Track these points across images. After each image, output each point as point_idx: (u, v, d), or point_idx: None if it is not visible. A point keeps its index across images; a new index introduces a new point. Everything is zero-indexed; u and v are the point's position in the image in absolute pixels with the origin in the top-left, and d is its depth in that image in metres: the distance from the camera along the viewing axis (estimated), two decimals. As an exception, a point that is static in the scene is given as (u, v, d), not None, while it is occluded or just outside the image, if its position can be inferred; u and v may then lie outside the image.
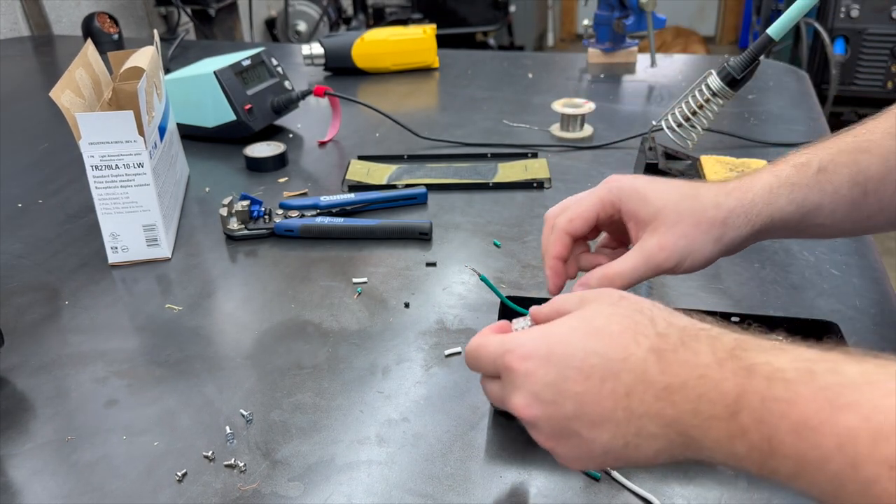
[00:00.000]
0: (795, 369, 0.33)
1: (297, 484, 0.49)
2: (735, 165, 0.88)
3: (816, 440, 0.31)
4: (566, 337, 0.40)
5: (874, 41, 2.32)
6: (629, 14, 1.31)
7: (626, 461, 0.39)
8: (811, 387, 0.32)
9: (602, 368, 0.38)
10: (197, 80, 1.00)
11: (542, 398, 0.40)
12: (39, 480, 0.50)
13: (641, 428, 0.37)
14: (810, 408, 0.32)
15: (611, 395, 0.38)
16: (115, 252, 0.75)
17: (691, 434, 0.36)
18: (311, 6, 2.93)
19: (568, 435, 0.40)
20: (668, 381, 0.36)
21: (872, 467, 0.29)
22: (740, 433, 0.34)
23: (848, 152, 0.50)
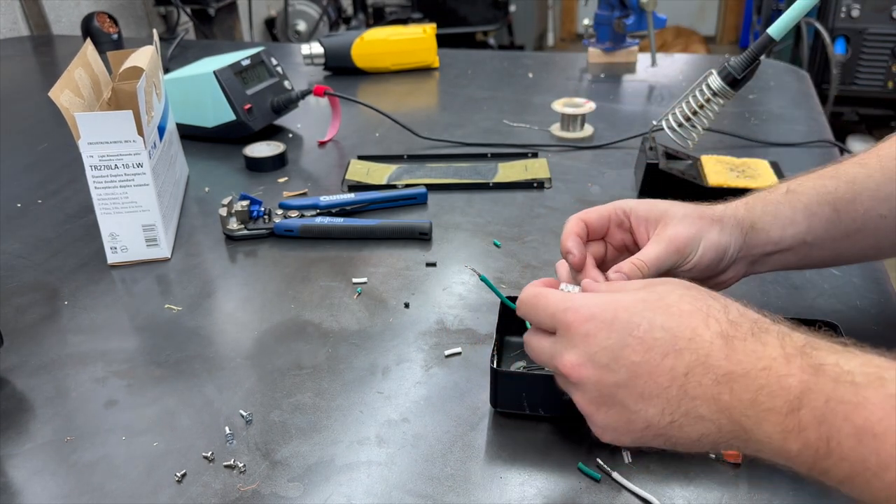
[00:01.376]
0: (865, 374, 0.33)
1: (297, 484, 0.49)
2: (735, 165, 0.88)
3: (877, 446, 0.31)
4: (634, 306, 0.40)
5: (875, 41, 2.32)
6: (629, 14, 1.30)
7: (665, 440, 0.39)
8: (880, 393, 0.32)
9: (665, 343, 0.38)
10: (196, 80, 1.00)
11: (596, 361, 0.40)
12: (39, 481, 0.50)
13: (692, 409, 0.37)
14: (876, 414, 0.31)
15: (669, 371, 0.38)
16: (115, 252, 0.75)
17: (743, 424, 0.36)
18: (310, 6, 2.93)
19: (612, 403, 0.40)
20: (731, 369, 0.36)
21: None
22: (797, 430, 0.34)
23: (815, 178, 0.53)
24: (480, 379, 0.57)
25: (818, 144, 0.99)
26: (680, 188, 0.84)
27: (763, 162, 0.89)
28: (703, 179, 0.85)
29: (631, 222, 0.53)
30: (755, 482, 0.48)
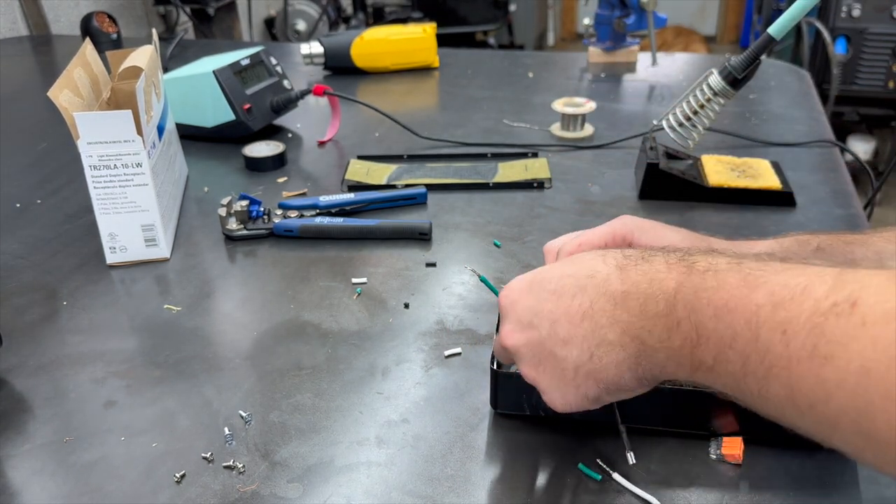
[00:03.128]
0: (728, 262, 0.36)
1: (297, 485, 0.49)
2: (736, 165, 0.87)
3: (731, 320, 0.33)
4: (547, 270, 0.45)
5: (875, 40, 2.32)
6: (630, 13, 1.30)
7: (596, 381, 0.41)
8: (736, 274, 0.35)
9: (572, 285, 0.42)
10: (196, 80, 0.99)
11: (522, 323, 0.44)
12: (38, 481, 0.50)
13: (603, 338, 0.40)
14: (731, 292, 0.34)
15: (578, 308, 0.41)
16: (114, 252, 0.74)
17: (641, 337, 0.39)
18: (310, 5, 2.93)
19: (545, 358, 0.43)
20: (625, 289, 0.39)
21: (767, 333, 0.32)
22: (676, 325, 0.36)
23: (846, 242, 0.53)
24: (480, 379, 0.57)
25: (819, 144, 0.99)
26: (680, 188, 0.84)
27: (764, 162, 0.89)
28: (703, 179, 0.85)
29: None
30: (756, 483, 0.47)
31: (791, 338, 0.31)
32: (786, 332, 0.31)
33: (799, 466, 0.48)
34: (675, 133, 0.82)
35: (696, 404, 0.50)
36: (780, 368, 0.31)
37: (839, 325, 0.29)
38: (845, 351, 0.29)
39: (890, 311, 0.28)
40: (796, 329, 0.31)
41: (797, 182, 0.87)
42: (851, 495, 0.46)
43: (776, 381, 0.32)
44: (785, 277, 0.33)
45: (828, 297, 0.30)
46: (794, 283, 0.32)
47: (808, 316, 0.30)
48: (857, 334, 0.28)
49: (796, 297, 0.31)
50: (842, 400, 0.29)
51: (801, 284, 0.32)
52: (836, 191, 0.86)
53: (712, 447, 0.50)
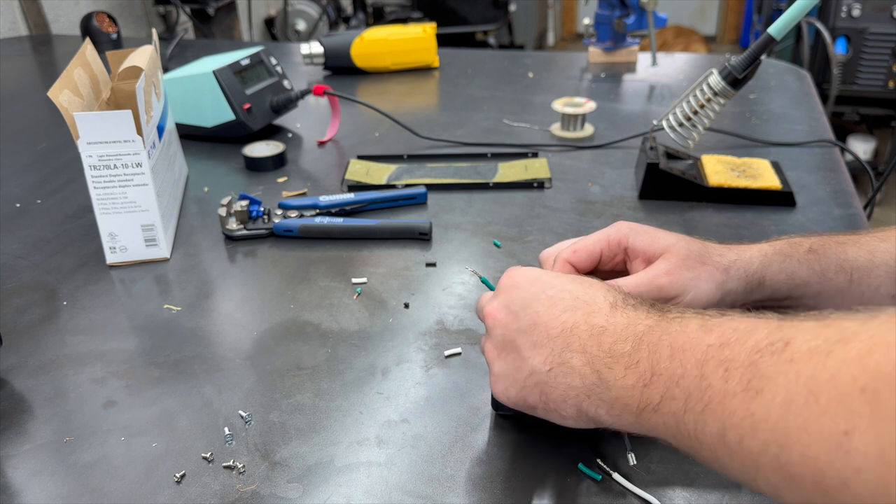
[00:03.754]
0: (695, 314, 0.38)
1: (297, 485, 0.49)
2: (736, 165, 0.87)
3: (683, 359, 0.35)
4: (555, 276, 0.46)
5: (876, 40, 2.32)
6: (630, 13, 1.30)
7: (541, 391, 0.42)
8: (698, 320, 0.37)
9: (566, 302, 0.43)
10: (196, 80, 0.99)
11: (510, 307, 0.45)
12: (38, 481, 0.50)
13: (567, 360, 0.41)
14: (689, 335, 0.36)
15: (561, 324, 0.42)
16: (114, 252, 0.74)
17: (601, 371, 0.40)
18: (310, 5, 2.93)
19: (511, 349, 0.44)
20: (606, 326, 0.41)
21: (710, 369, 0.33)
22: (635, 364, 0.38)
23: (838, 242, 0.53)
24: (480, 379, 0.57)
25: (819, 144, 0.99)
26: (681, 188, 0.84)
27: (764, 161, 0.89)
28: (703, 179, 0.85)
29: (627, 255, 0.53)
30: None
31: (730, 374, 0.32)
32: (727, 369, 0.32)
33: (799, 466, 0.48)
34: (675, 133, 0.82)
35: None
36: (716, 404, 0.32)
37: (772, 361, 0.30)
38: (773, 385, 0.30)
39: (814, 348, 0.29)
40: (736, 366, 0.32)
41: (797, 182, 0.87)
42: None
43: (711, 416, 0.33)
44: (738, 323, 0.34)
45: (767, 337, 0.32)
46: (743, 326, 0.34)
47: (747, 354, 0.32)
48: (784, 370, 0.30)
49: (741, 338, 0.33)
50: (765, 433, 0.30)
51: (748, 327, 0.33)
52: (837, 191, 0.86)
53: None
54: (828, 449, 0.27)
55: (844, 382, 0.27)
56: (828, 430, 0.27)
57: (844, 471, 0.26)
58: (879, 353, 0.26)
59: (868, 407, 0.26)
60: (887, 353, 0.26)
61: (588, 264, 0.53)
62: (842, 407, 0.27)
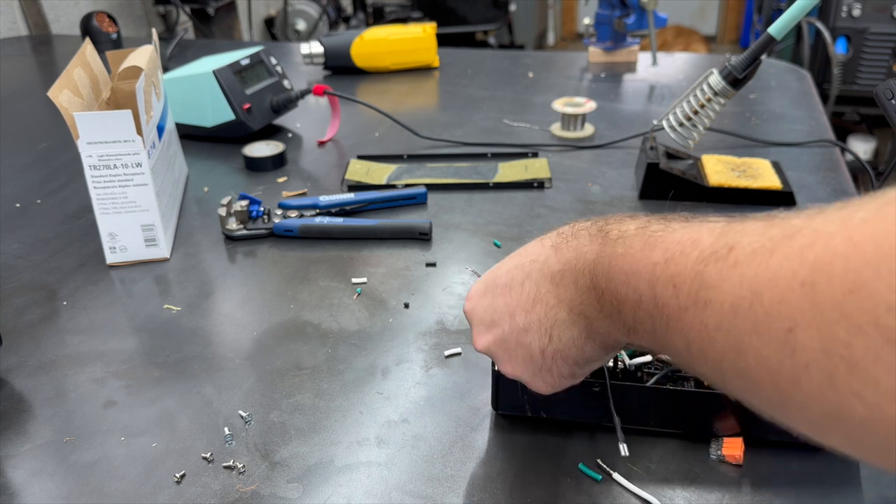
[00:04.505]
0: (636, 228, 0.36)
1: (297, 485, 0.49)
2: (737, 165, 0.87)
3: (635, 283, 0.34)
4: (497, 267, 0.46)
5: (876, 40, 2.32)
6: (630, 13, 1.30)
7: (564, 357, 0.42)
8: (640, 238, 0.35)
9: (519, 275, 0.43)
10: (196, 80, 0.99)
11: (485, 324, 0.45)
12: (38, 481, 0.50)
13: (555, 318, 0.41)
14: (635, 256, 0.35)
15: (528, 295, 0.42)
16: (114, 252, 0.74)
17: (583, 312, 0.39)
18: (310, 5, 2.93)
19: (513, 350, 0.44)
20: (560, 268, 0.40)
21: (661, 289, 0.32)
22: (601, 295, 0.37)
23: None
24: (481, 379, 0.57)
25: (819, 144, 0.99)
26: (681, 188, 0.84)
27: (764, 161, 0.89)
28: (703, 179, 0.85)
29: None
30: (757, 483, 0.47)
31: (679, 289, 0.31)
32: (676, 285, 0.31)
33: (800, 466, 0.48)
34: (675, 133, 0.82)
35: (696, 405, 0.50)
36: (674, 321, 0.32)
37: (717, 268, 0.29)
38: (719, 293, 0.29)
39: (757, 249, 0.28)
40: (683, 279, 0.31)
41: (797, 182, 0.87)
42: (853, 495, 0.46)
43: (674, 333, 0.32)
44: (680, 234, 0.33)
45: (711, 246, 0.30)
46: (686, 237, 0.32)
47: (692, 265, 0.31)
48: (728, 274, 0.29)
49: (685, 250, 0.32)
50: (721, 341, 0.29)
51: (691, 238, 0.32)
52: (837, 191, 0.86)
53: (713, 448, 0.50)
54: (776, 348, 0.26)
55: (785, 278, 0.26)
56: (774, 330, 0.26)
57: (794, 368, 0.26)
58: (820, 245, 0.25)
59: (807, 301, 0.25)
60: (828, 244, 0.25)
61: None
62: (783, 304, 0.26)
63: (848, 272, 0.24)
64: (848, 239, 0.24)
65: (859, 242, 0.24)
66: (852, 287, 0.23)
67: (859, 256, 0.24)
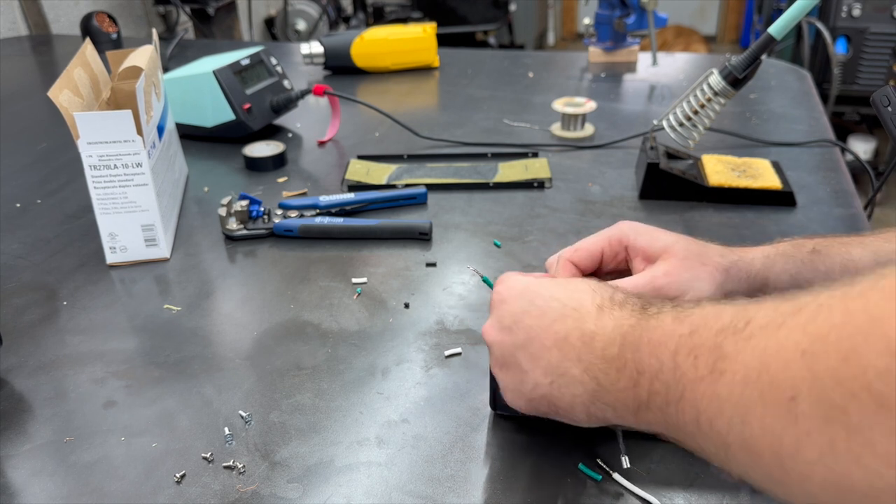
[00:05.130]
0: (672, 306, 0.37)
1: (297, 485, 0.49)
2: (737, 165, 0.87)
3: (660, 353, 0.35)
4: (544, 283, 0.46)
5: (876, 40, 2.32)
6: (630, 13, 1.30)
7: (549, 403, 0.42)
8: (672, 313, 0.37)
9: (556, 311, 0.43)
10: (196, 80, 0.99)
11: (503, 324, 0.45)
12: (38, 481, 0.50)
13: (566, 370, 0.41)
14: (665, 329, 0.36)
15: (554, 335, 0.42)
16: (114, 252, 0.74)
17: (598, 378, 0.40)
18: (310, 5, 2.93)
19: (512, 364, 0.45)
20: (595, 330, 0.41)
21: (682, 358, 0.33)
22: (623, 366, 0.38)
23: (842, 243, 0.53)
24: (481, 379, 0.57)
25: (819, 144, 0.99)
26: (681, 188, 0.84)
27: (764, 161, 0.89)
28: (703, 179, 0.85)
29: (628, 253, 0.53)
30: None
31: (699, 360, 0.32)
32: (696, 356, 0.32)
33: (799, 467, 0.48)
34: (675, 133, 0.82)
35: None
36: (689, 391, 0.33)
37: (734, 340, 0.31)
38: (733, 364, 0.30)
39: (769, 323, 0.29)
40: (703, 351, 0.32)
41: (797, 182, 0.87)
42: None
43: (686, 404, 0.33)
44: (708, 309, 0.34)
45: (732, 319, 0.32)
46: (712, 312, 0.34)
47: (713, 337, 0.32)
48: (744, 347, 0.30)
49: (709, 323, 0.33)
50: (729, 411, 0.30)
51: (717, 312, 0.33)
52: (837, 191, 0.86)
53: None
54: (779, 416, 0.27)
55: (789, 349, 0.27)
56: (778, 399, 0.27)
57: (796, 436, 0.26)
58: (821, 317, 0.27)
59: (807, 369, 0.26)
60: (827, 316, 0.26)
61: (589, 264, 0.53)
62: (787, 373, 0.27)
63: (842, 340, 0.25)
64: (844, 310, 0.26)
65: (854, 312, 0.25)
66: (846, 355, 0.24)
67: (852, 325, 0.25)
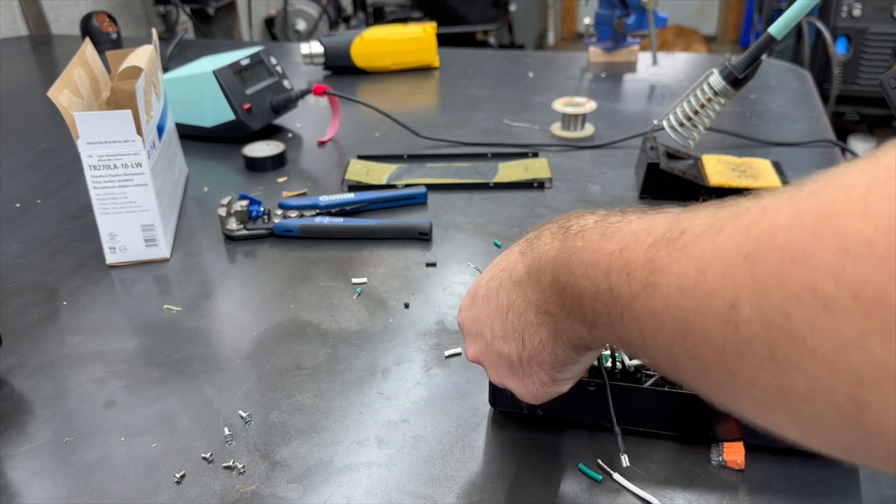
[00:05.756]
0: (595, 221, 0.36)
1: (297, 485, 0.49)
2: (737, 165, 0.87)
3: (593, 274, 0.34)
4: (479, 279, 0.46)
5: (876, 40, 2.32)
6: (630, 13, 1.30)
7: (539, 363, 0.42)
8: (598, 230, 0.35)
9: (495, 285, 0.43)
10: (196, 80, 0.99)
11: (472, 336, 0.46)
12: (38, 482, 0.50)
13: (526, 321, 0.41)
14: (593, 248, 0.34)
15: (503, 303, 0.42)
16: (114, 252, 0.74)
17: (548, 310, 0.39)
18: (310, 5, 2.93)
19: (497, 360, 0.44)
20: (526, 270, 0.41)
21: (615, 277, 0.32)
22: (563, 290, 0.37)
23: None
24: (481, 380, 0.57)
25: (819, 144, 0.99)
26: (681, 188, 0.84)
27: (764, 161, 0.88)
28: (704, 179, 0.85)
29: None
30: (756, 486, 0.47)
31: (632, 276, 0.31)
32: (629, 272, 0.31)
33: (799, 470, 0.48)
34: (675, 133, 0.82)
35: (697, 408, 0.49)
36: (628, 309, 0.31)
37: (667, 251, 0.29)
38: (667, 275, 0.28)
39: (706, 229, 0.27)
40: (636, 266, 0.31)
41: (798, 182, 0.86)
42: (852, 501, 0.46)
43: (629, 322, 0.31)
44: (636, 224, 0.33)
45: (665, 232, 0.30)
46: (641, 226, 0.32)
47: (645, 251, 0.30)
48: (677, 256, 0.28)
49: (640, 238, 0.31)
50: (669, 324, 0.28)
51: (646, 226, 0.32)
52: (837, 191, 0.86)
53: (714, 453, 0.49)
54: (720, 325, 0.26)
55: (729, 254, 0.25)
56: (717, 307, 0.26)
57: (737, 344, 0.25)
58: (766, 220, 0.25)
59: (749, 274, 0.24)
60: (773, 218, 0.25)
61: None
62: (726, 279, 0.25)
63: (790, 241, 0.23)
64: (794, 212, 0.24)
65: (804, 213, 0.23)
66: (793, 256, 0.23)
67: (803, 225, 0.23)
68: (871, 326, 0.21)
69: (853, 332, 0.21)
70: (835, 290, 0.21)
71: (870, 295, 0.21)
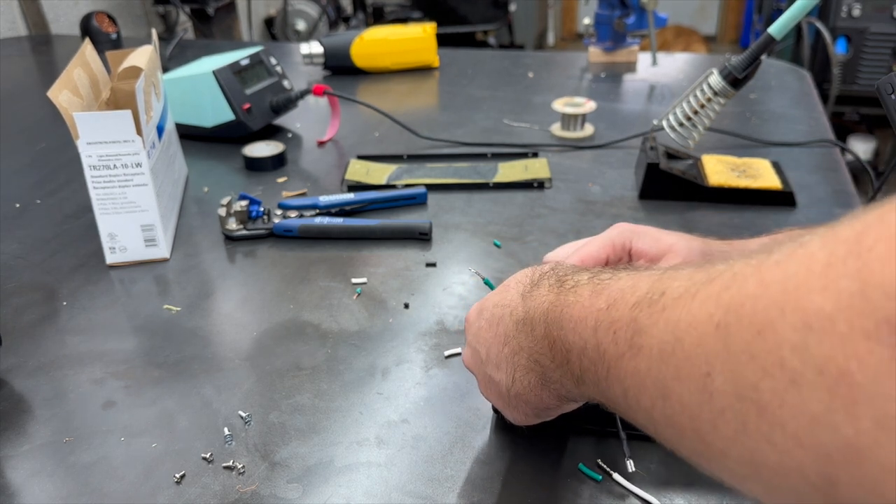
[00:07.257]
0: (588, 277, 0.37)
1: (296, 486, 0.49)
2: (737, 165, 0.87)
3: (581, 329, 0.34)
4: (489, 297, 0.47)
5: (876, 40, 2.32)
6: (630, 13, 1.30)
7: (524, 401, 0.43)
8: (589, 286, 0.36)
9: (498, 314, 0.44)
10: (195, 80, 0.99)
11: (472, 346, 0.47)
12: (37, 482, 0.50)
13: (518, 363, 0.42)
14: (583, 303, 0.35)
15: (502, 335, 0.43)
16: (114, 252, 0.74)
17: (539, 360, 0.40)
18: (310, 5, 2.93)
19: (487, 380, 0.46)
20: (524, 316, 0.41)
21: (602, 335, 0.32)
22: (553, 344, 0.37)
23: None
24: (480, 380, 0.57)
25: (819, 144, 0.99)
26: (681, 188, 0.84)
27: (764, 161, 0.88)
28: (703, 179, 0.85)
29: (631, 257, 0.53)
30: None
31: (618, 335, 0.31)
32: (615, 331, 0.31)
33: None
34: (675, 133, 0.82)
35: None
36: (613, 368, 0.31)
37: (649, 313, 0.29)
38: (649, 338, 0.29)
39: (683, 293, 0.28)
40: (621, 325, 0.31)
41: (798, 182, 0.87)
42: None
43: (613, 381, 0.32)
44: (624, 282, 0.33)
45: (647, 292, 0.30)
46: (628, 284, 0.32)
47: (629, 311, 0.31)
48: (657, 319, 0.28)
49: (625, 296, 0.32)
50: (650, 388, 0.29)
51: (632, 284, 0.32)
52: (837, 191, 0.86)
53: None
54: (695, 393, 0.26)
55: (702, 321, 0.26)
56: (693, 375, 0.26)
57: (711, 413, 0.25)
58: (735, 287, 0.25)
59: (721, 343, 0.24)
60: (741, 286, 0.25)
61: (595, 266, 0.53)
62: (701, 348, 0.26)
63: (756, 313, 0.23)
64: (759, 280, 0.24)
65: (769, 284, 0.24)
66: (760, 328, 0.23)
67: (767, 297, 0.23)
68: (837, 403, 0.21)
69: (820, 408, 0.21)
70: (801, 366, 0.22)
71: (833, 372, 0.21)
